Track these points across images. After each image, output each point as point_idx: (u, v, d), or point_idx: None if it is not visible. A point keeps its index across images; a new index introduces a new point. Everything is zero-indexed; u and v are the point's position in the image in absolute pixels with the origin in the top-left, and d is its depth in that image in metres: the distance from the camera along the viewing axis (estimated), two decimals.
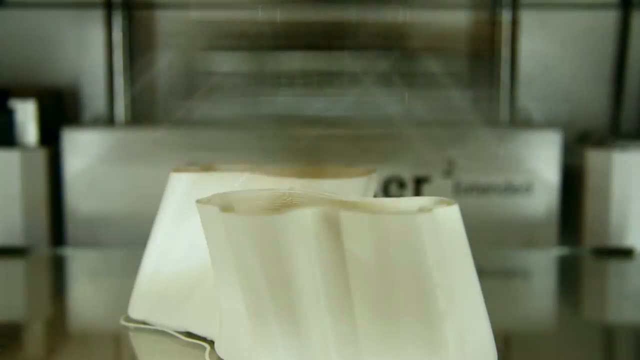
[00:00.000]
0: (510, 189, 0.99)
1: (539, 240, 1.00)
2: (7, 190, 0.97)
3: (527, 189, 0.99)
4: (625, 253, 0.92)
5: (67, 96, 1.11)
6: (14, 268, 0.86)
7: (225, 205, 0.43)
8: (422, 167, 0.99)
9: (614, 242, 0.97)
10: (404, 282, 0.41)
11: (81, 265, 0.89)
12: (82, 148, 0.99)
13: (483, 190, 0.99)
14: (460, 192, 0.99)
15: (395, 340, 0.41)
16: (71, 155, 0.99)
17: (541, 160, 0.99)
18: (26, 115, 1.00)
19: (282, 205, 0.48)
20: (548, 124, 1.08)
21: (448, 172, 0.98)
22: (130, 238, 0.98)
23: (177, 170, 0.57)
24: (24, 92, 1.01)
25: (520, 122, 1.10)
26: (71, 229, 0.99)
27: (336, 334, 0.43)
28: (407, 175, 0.99)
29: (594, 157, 0.99)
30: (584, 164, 0.99)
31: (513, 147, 1.00)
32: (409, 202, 0.44)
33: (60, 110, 1.10)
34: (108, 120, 1.09)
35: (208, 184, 0.54)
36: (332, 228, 0.41)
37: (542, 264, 0.89)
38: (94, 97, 1.12)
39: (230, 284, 0.45)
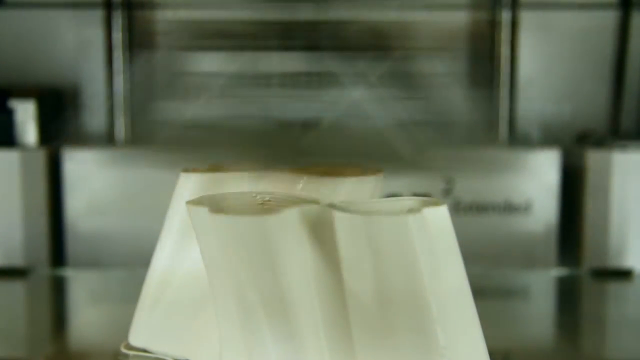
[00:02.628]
0: (510, 208, 0.99)
1: (538, 260, 0.99)
2: (7, 191, 0.97)
3: (526, 208, 0.99)
4: (625, 274, 0.92)
5: (67, 96, 1.12)
6: (14, 291, 0.86)
7: (215, 206, 0.43)
8: (421, 185, 0.99)
9: (613, 260, 0.97)
10: (397, 284, 0.41)
11: (82, 288, 0.89)
12: (82, 167, 0.99)
13: (482, 209, 0.99)
14: (459, 210, 0.99)
15: (390, 345, 0.41)
16: (72, 174, 0.99)
17: (540, 179, 0.99)
18: (26, 115, 1.00)
19: (275, 207, 0.48)
20: (546, 143, 1.08)
21: (447, 191, 0.99)
22: (132, 257, 0.97)
23: (186, 170, 0.56)
24: (24, 92, 1.01)
25: (519, 136, 1.10)
26: (72, 247, 0.99)
27: (331, 343, 0.42)
28: (406, 193, 0.99)
29: (594, 157, 0.98)
30: (583, 164, 0.99)
31: (512, 166, 1.00)
32: (397, 203, 0.44)
33: (60, 110, 1.10)
34: (109, 126, 1.09)
35: (220, 184, 0.53)
36: (326, 229, 0.41)
37: (540, 285, 0.89)
38: (94, 97, 1.12)
39: (225, 296, 0.45)
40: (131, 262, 0.95)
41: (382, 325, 0.41)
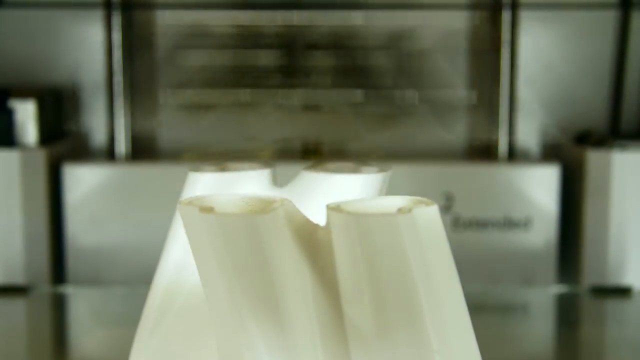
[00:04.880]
0: (509, 224, 0.99)
1: (537, 276, 0.99)
2: (7, 191, 0.97)
3: (525, 223, 0.99)
4: (623, 292, 0.91)
5: (67, 96, 1.12)
6: (15, 310, 0.85)
7: (206, 206, 0.43)
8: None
9: (613, 278, 0.96)
10: (389, 283, 0.41)
11: (83, 306, 0.87)
12: (83, 183, 0.99)
13: (482, 225, 0.99)
14: (459, 226, 0.99)
15: (384, 344, 0.41)
16: (72, 190, 0.99)
17: (540, 195, 0.99)
18: (26, 115, 1.00)
19: (267, 206, 0.47)
20: (546, 142, 1.08)
21: (447, 207, 0.98)
22: (133, 274, 0.97)
23: (195, 169, 0.54)
24: (24, 92, 1.01)
25: (519, 153, 1.10)
26: (72, 264, 0.99)
27: (326, 343, 0.42)
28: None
29: (594, 158, 0.98)
30: (583, 164, 0.99)
31: (512, 181, 1.00)
32: (390, 202, 0.44)
33: (61, 110, 1.10)
34: (109, 126, 1.10)
35: (230, 183, 0.53)
36: (319, 228, 0.41)
37: (539, 302, 0.88)
38: (94, 97, 1.12)
39: (218, 302, 0.44)
40: (132, 279, 0.95)
41: (377, 325, 0.41)
